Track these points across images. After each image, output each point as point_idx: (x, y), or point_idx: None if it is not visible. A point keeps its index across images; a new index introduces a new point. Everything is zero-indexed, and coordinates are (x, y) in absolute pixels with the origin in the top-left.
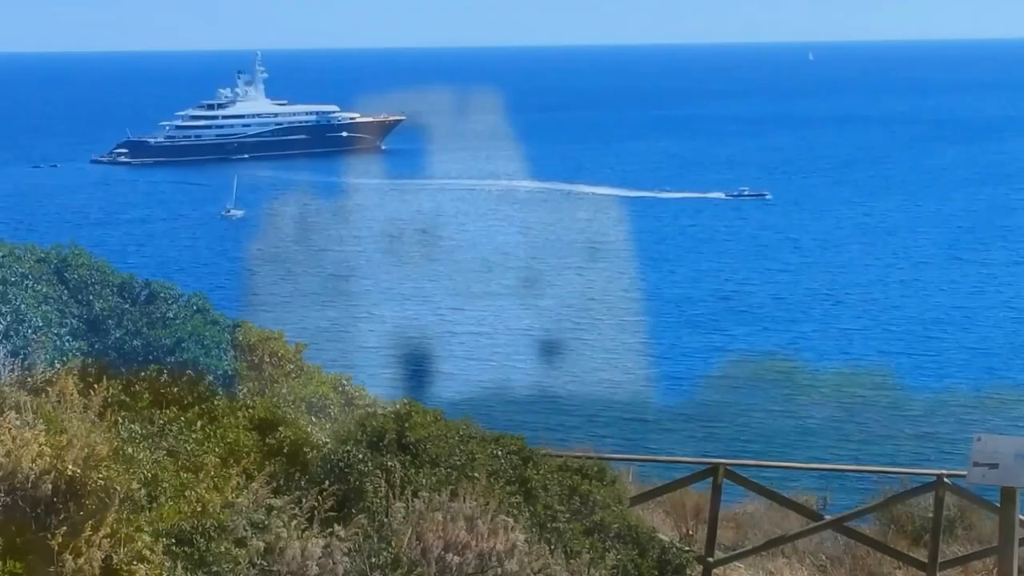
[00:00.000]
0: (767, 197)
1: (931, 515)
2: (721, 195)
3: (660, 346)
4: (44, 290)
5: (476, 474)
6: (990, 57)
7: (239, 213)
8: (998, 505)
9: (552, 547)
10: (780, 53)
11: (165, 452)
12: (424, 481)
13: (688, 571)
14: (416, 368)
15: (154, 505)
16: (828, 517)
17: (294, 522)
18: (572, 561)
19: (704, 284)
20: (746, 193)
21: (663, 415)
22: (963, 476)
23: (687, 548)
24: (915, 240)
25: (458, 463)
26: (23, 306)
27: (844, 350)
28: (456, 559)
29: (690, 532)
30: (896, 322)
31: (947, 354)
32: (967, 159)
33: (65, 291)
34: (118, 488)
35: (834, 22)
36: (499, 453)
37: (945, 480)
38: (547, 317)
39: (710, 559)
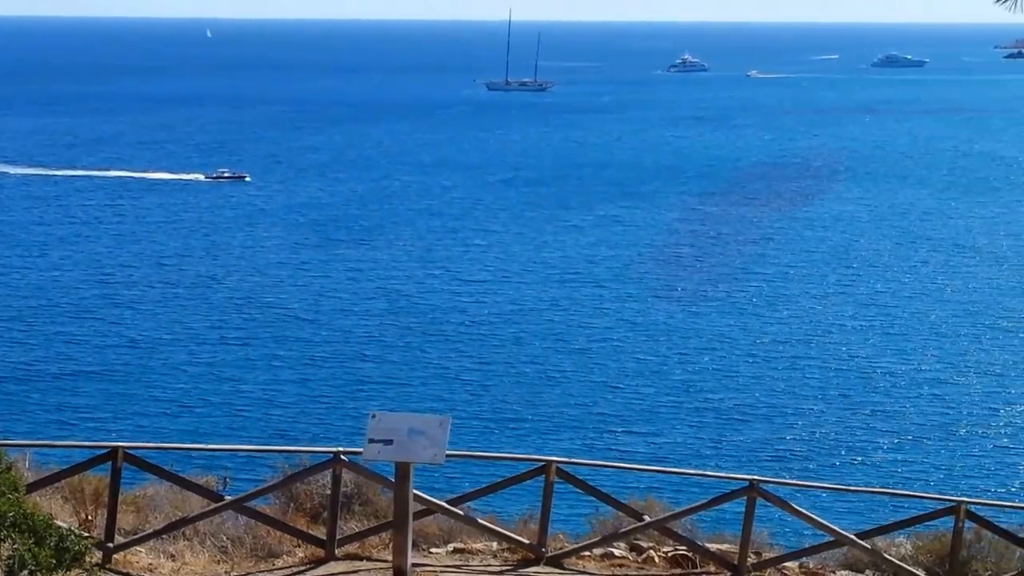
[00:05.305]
0: (247, 179)
1: (330, 492)
2: (201, 177)
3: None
4: None
5: None
6: (392, 38)
7: None
8: (394, 480)
9: None
10: (177, 28)
11: None
12: None
13: (88, 558)
14: None
15: None
16: (229, 498)
17: None
18: None
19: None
20: (226, 175)
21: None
22: (360, 453)
23: (86, 534)
24: (292, 224)
25: None
26: None
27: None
28: None
29: (90, 518)
30: (279, 304)
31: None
32: (352, 142)
33: None
34: None
35: None
36: None
37: (342, 457)
38: None
39: (110, 544)
